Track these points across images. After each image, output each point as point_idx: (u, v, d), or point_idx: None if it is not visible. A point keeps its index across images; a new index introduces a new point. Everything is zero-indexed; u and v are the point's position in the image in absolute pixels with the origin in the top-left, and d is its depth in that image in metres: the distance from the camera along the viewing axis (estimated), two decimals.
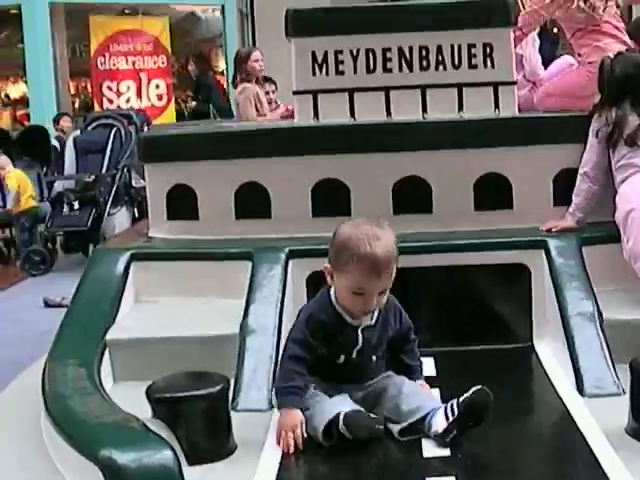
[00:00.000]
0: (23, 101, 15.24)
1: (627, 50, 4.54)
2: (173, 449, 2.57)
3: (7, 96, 16.20)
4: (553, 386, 3.48)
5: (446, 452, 2.86)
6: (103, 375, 3.51)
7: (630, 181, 4.02)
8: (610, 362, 3.45)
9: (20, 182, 9.92)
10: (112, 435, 2.71)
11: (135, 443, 2.61)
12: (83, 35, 14.51)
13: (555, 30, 7.22)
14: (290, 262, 4.01)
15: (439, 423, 2.90)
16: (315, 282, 3.92)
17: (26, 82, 14.12)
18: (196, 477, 2.69)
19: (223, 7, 15.29)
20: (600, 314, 3.64)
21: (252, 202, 4.37)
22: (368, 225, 3.09)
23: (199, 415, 2.89)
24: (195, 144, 4.56)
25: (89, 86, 15.16)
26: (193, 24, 16.73)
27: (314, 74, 4.47)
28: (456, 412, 2.87)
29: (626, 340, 3.48)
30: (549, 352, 3.80)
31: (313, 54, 4.46)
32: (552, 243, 4.00)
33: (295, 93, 4.55)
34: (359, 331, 3.13)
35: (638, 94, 4.17)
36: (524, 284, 4.00)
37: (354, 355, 3.15)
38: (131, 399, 3.04)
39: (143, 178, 9.41)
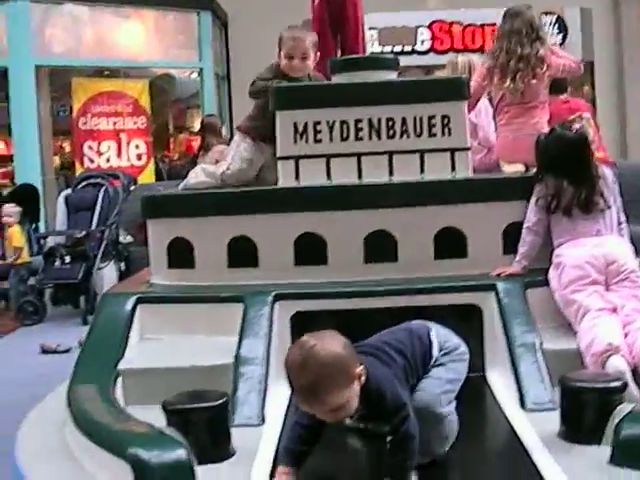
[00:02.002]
0: (5, 159, 15.13)
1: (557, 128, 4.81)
2: (187, 448, 3.00)
3: None
4: (500, 405, 3.89)
5: None
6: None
7: (564, 248, 4.47)
8: (548, 383, 3.86)
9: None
10: (137, 438, 3.17)
11: (156, 443, 3.07)
12: (66, 96, 14.34)
13: None
14: (276, 304, 4.38)
15: None
16: (298, 321, 4.37)
17: (5, 141, 14.11)
18: (203, 474, 3.04)
19: (201, 70, 15.55)
20: (541, 345, 4.05)
21: (242, 253, 4.71)
22: (297, 348, 2.97)
23: (206, 423, 3.37)
24: (192, 203, 4.93)
25: (70, 145, 15.04)
26: (169, 84, 16.94)
27: (295, 142, 4.81)
28: None
29: (562, 365, 3.86)
30: (498, 379, 4.16)
31: (295, 125, 4.80)
32: (501, 286, 4.38)
33: (279, 159, 4.86)
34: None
35: (571, 169, 4.53)
36: (477, 322, 4.37)
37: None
38: (142, 419, 3.43)
39: (130, 234, 9.91)
